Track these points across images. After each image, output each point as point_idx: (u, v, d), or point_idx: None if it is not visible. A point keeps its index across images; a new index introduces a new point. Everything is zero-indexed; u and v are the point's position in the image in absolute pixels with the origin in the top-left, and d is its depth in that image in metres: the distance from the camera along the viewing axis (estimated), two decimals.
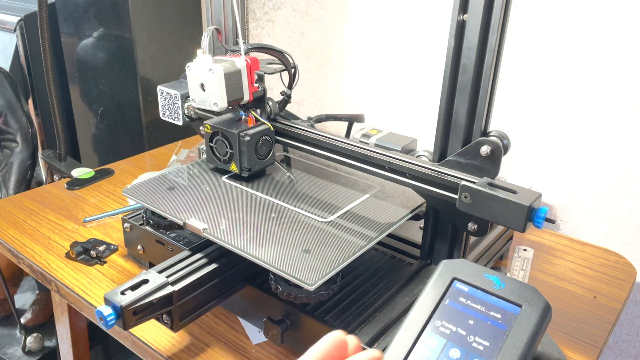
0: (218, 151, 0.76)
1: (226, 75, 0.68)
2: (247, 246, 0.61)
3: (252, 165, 0.74)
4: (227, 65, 0.69)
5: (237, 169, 0.75)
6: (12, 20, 1.27)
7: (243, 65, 0.70)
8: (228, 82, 0.68)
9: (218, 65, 0.67)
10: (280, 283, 0.61)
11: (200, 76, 0.69)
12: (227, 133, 0.74)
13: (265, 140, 0.75)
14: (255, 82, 0.73)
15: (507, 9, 0.57)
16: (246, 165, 0.74)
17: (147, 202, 0.71)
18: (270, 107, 0.77)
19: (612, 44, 0.88)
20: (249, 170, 0.75)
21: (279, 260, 0.58)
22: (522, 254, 0.88)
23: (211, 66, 0.67)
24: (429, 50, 1.07)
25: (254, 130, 0.74)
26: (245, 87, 0.71)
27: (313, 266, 0.57)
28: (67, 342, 1.00)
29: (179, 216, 0.67)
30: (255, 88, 0.73)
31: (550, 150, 0.99)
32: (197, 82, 0.69)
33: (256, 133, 0.74)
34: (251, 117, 0.75)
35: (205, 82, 0.68)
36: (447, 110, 0.62)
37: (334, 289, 0.62)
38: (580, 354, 0.69)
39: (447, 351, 0.48)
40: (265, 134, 0.75)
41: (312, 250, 0.61)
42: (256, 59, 0.72)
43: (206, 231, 0.64)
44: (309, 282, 0.55)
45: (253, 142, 0.73)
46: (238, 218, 0.67)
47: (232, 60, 0.70)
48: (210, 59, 0.68)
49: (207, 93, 0.69)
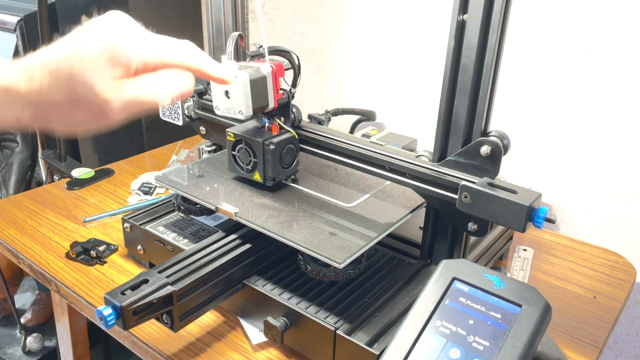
0: (241, 160, 0.74)
1: (252, 82, 0.65)
2: (279, 229, 0.64)
3: (276, 174, 0.72)
4: (252, 71, 0.65)
5: (261, 178, 0.72)
6: (12, 20, 1.27)
7: (268, 71, 0.67)
8: (253, 89, 0.65)
9: (243, 72, 0.64)
10: (309, 263, 0.64)
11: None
12: (251, 141, 0.71)
13: (290, 149, 0.73)
14: (280, 89, 0.70)
15: (507, 9, 0.57)
16: (270, 174, 0.72)
17: (180, 188, 0.74)
18: (295, 114, 0.74)
19: (612, 44, 0.88)
20: (273, 179, 0.72)
21: (308, 241, 0.62)
22: (522, 254, 0.88)
23: (236, 73, 0.64)
24: (429, 50, 1.07)
25: (279, 138, 0.71)
26: (270, 94, 0.68)
27: (340, 246, 0.61)
28: (67, 342, 1.00)
29: (210, 201, 0.70)
30: (280, 95, 0.70)
31: (550, 150, 0.99)
32: (221, 90, 0.66)
33: (281, 141, 0.71)
34: (275, 125, 0.73)
35: (230, 90, 0.65)
36: (447, 110, 0.62)
37: (360, 268, 0.65)
38: (580, 354, 0.69)
39: (447, 351, 0.48)
40: (290, 142, 0.73)
41: (338, 232, 0.64)
42: (281, 64, 0.69)
43: (237, 215, 0.67)
44: (338, 261, 0.58)
45: (278, 151, 0.71)
46: (265, 204, 0.71)
47: (257, 67, 0.67)
48: (235, 65, 0.66)
49: (232, 101, 0.66)
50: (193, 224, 0.79)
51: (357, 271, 0.65)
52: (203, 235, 0.76)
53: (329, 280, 0.64)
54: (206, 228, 0.78)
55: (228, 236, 0.71)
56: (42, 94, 0.43)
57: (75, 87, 0.43)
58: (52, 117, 0.44)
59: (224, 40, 0.83)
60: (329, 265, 0.60)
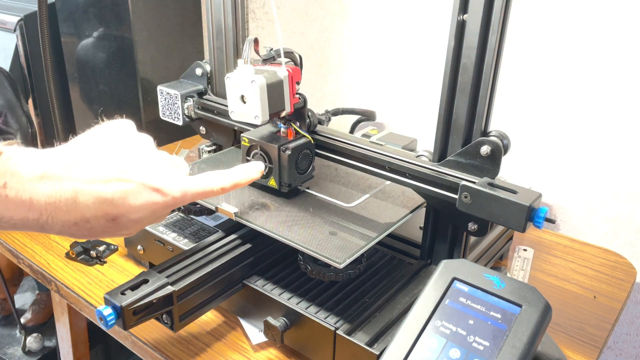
0: None
1: (268, 86, 0.63)
2: (279, 229, 0.64)
3: (292, 180, 0.70)
4: (269, 75, 0.64)
5: (276, 184, 0.71)
6: (12, 20, 1.27)
7: (285, 75, 0.66)
8: (270, 94, 0.64)
9: (260, 76, 0.63)
10: (309, 263, 0.65)
11: (240, 88, 0.64)
12: (266, 147, 0.70)
13: (306, 154, 0.71)
14: (296, 93, 0.68)
15: (507, 9, 0.57)
16: (286, 180, 0.70)
17: None
18: (310, 118, 0.73)
19: (612, 44, 0.88)
20: (289, 186, 0.70)
21: (308, 241, 0.62)
22: (522, 254, 0.88)
23: (253, 77, 0.62)
24: (429, 50, 1.07)
25: (295, 143, 0.69)
26: (286, 99, 0.67)
27: (340, 246, 0.61)
28: (67, 342, 1.00)
29: (210, 201, 0.69)
30: (297, 99, 0.69)
31: (550, 150, 0.99)
32: (237, 94, 0.65)
33: (297, 147, 0.69)
34: (291, 130, 0.71)
35: (245, 94, 0.64)
36: (447, 110, 0.62)
37: (360, 268, 0.65)
38: (580, 354, 0.69)
39: (447, 351, 0.48)
40: (306, 148, 0.71)
41: (338, 232, 0.64)
42: (297, 68, 0.68)
43: (237, 215, 0.66)
44: (338, 261, 0.58)
45: (294, 157, 0.69)
46: (265, 204, 0.70)
47: (274, 71, 0.65)
48: (252, 69, 0.64)
49: (248, 105, 0.64)
50: (193, 223, 0.79)
51: (357, 271, 0.65)
52: (203, 235, 0.76)
53: (329, 280, 0.64)
54: (206, 228, 0.78)
55: (228, 236, 0.71)
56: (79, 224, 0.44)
57: (116, 228, 0.45)
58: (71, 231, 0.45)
59: (224, 40, 0.83)
60: (329, 265, 0.60)
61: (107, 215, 0.44)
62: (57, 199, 0.42)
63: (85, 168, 0.44)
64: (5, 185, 0.40)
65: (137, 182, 0.45)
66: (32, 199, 0.41)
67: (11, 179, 0.40)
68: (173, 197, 0.47)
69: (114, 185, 0.44)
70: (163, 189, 0.46)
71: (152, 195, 0.45)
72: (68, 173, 0.43)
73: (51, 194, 0.41)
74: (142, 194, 0.45)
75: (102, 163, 0.44)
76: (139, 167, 0.46)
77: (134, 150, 0.47)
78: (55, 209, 0.42)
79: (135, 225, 0.46)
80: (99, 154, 0.45)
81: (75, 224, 0.43)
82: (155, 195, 0.46)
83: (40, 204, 0.41)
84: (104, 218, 0.44)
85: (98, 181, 0.43)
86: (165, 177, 0.47)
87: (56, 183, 0.42)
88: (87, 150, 0.46)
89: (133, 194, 0.44)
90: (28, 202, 0.41)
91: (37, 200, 0.41)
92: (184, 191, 0.48)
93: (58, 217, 0.42)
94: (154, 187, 0.46)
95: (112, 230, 0.45)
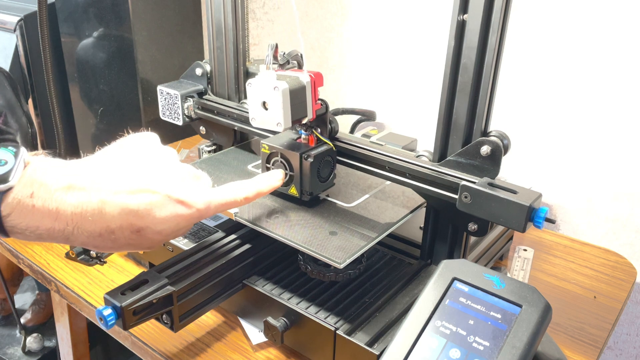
0: None
1: (291, 92, 0.61)
2: (279, 229, 0.64)
3: (314, 188, 0.68)
4: (291, 81, 0.62)
5: (297, 192, 0.68)
6: (12, 20, 1.27)
7: (307, 80, 0.64)
8: (293, 100, 0.62)
9: (283, 82, 0.61)
10: (310, 263, 0.65)
11: (262, 94, 0.62)
12: (287, 154, 0.68)
13: (327, 162, 0.70)
14: (318, 99, 0.67)
15: (507, 9, 0.57)
16: (308, 188, 0.68)
17: None
18: (332, 124, 0.71)
19: (612, 44, 0.88)
20: (310, 194, 0.68)
21: (308, 241, 0.62)
22: (522, 254, 0.88)
23: (275, 83, 0.61)
24: (429, 50, 1.07)
25: (317, 151, 0.67)
26: (309, 105, 0.65)
27: (341, 246, 0.61)
28: (67, 342, 1.00)
29: None
30: (318, 105, 0.67)
31: (550, 150, 0.99)
32: (258, 100, 0.63)
33: (319, 154, 0.67)
34: (312, 137, 0.69)
35: (267, 101, 0.62)
36: (447, 110, 0.62)
37: (360, 268, 0.65)
38: (580, 354, 0.69)
39: (447, 351, 0.48)
40: (328, 155, 0.69)
41: (338, 232, 0.64)
42: (320, 73, 0.67)
43: (237, 215, 0.66)
44: (338, 261, 0.58)
45: (316, 164, 0.67)
46: (265, 204, 0.70)
47: (296, 76, 0.63)
48: (274, 75, 0.62)
49: (270, 112, 0.62)
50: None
51: (357, 271, 0.65)
52: (203, 235, 0.76)
53: (329, 280, 0.64)
54: (206, 228, 0.78)
55: (228, 236, 0.71)
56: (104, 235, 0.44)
57: (140, 240, 0.46)
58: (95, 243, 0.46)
59: (224, 40, 0.83)
60: (329, 265, 0.60)
61: (132, 226, 0.44)
62: (83, 210, 0.42)
63: (111, 179, 0.44)
64: (33, 195, 0.40)
65: (162, 194, 0.45)
66: (59, 209, 0.41)
67: (38, 189, 0.40)
68: (197, 210, 0.47)
69: (140, 196, 0.44)
70: (188, 201, 0.46)
71: (177, 208, 0.46)
72: (94, 184, 0.43)
73: (78, 204, 0.42)
74: (167, 206, 0.45)
75: (127, 174, 0.44)
76: (164, 179, 0.46)
77: (158, 163, 0.47)
78: (82, 220, 0.42)
79: (158, 238, 0.46)
80: (124, 165, 0.45)
81: (100, 235, 0.43)
82: (180, 207, 0.46)
83: (66, 214, 0.41)
84: (129, 229, 0.44)
85: (124, 192, 0.43)
86: (189, 189, 0.47)
87: (83, 194, 0.42)
88: (113, 161, 0.46)
89: (158, 206, 0.44)
90: (55, 212, 0.41)
91: (63, 211, 0.41)
92: (208, 203, 0.48)
93: (84, 227, 0.42)
94: (178, 200, 0.46)
95: (135, 243, 0.45)
